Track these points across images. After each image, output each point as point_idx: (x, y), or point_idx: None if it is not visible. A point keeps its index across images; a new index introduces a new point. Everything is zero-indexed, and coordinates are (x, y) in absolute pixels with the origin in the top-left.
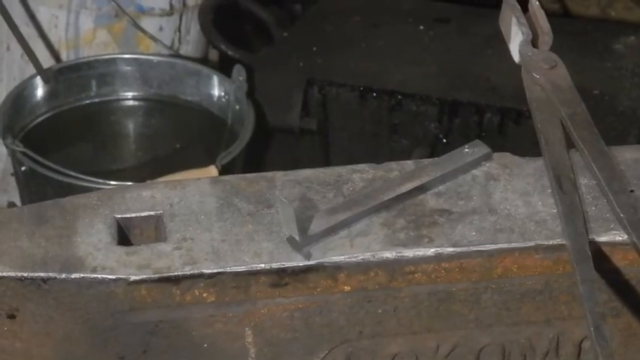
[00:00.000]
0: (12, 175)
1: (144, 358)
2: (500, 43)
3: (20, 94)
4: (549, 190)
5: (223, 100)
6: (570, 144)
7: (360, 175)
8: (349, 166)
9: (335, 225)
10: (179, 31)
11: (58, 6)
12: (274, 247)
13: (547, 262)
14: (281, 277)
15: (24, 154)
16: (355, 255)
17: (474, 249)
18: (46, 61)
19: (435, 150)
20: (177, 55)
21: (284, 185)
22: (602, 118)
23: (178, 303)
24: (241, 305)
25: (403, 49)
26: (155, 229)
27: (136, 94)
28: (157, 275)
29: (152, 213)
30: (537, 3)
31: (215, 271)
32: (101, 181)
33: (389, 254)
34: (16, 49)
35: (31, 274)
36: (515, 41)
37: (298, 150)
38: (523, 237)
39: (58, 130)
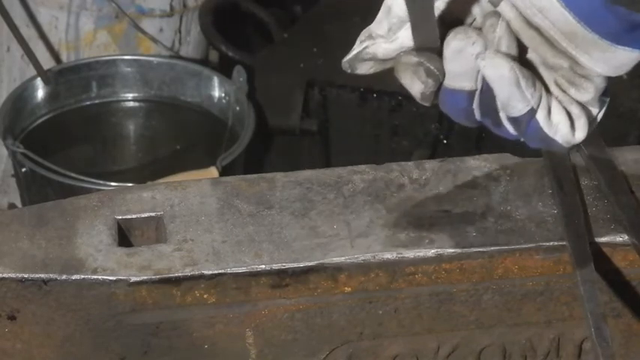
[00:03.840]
0: (12, 176)
1: (145, 359)
2: None
3: (20, 96)
4: (550, 191)
5: (224, 101)
6: None
7: (360, 176)
8: (349, 167)
9: None
10: (179, 32)
11: (58, 7)
12: (275, 248)
13: (548, 263)
14: (281, 278)
15: (24, 155)
16: (356, 256)
17: (475, 250)
18: (47, 62)
19: (435, 151)
20: (178, 57)
21: (284, 186)
22: (603, 119)
23: (179, 304)
24: (242, 306)
25: None
26: (156, 230)
27: (136, 95)
28: (157, 276)
29: (153, 214)
30: None
31: (215, 272)
32: (102, 182)
33: (389, 255)
34: (17, 50)
35: (32, 276)
36: None
37: (299, 151)
38: (524, 238)
39: (58, 132)
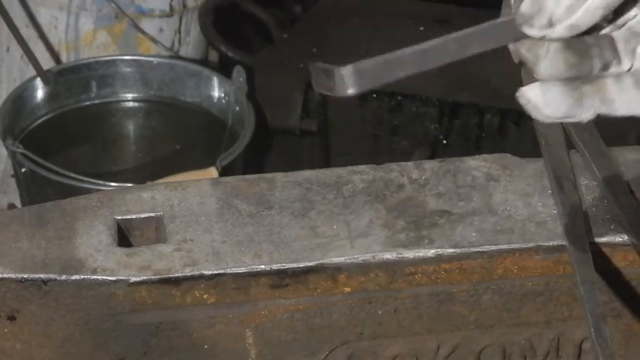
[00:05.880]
0: (12, 176)
1: (144, 359)
2: None
3: (20, 96)
4: (549, 191)
5: (223, 101)
6: (570, 145)
7: (360, 176)
8: (349, 168)
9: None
10: (179, 32)
11: (58, 7)
12: (274, 249)
13: (547, 263)
14: (281, 278)
15: (24, 155)
16: (355, 256)
17: (475, 250)
18: (46, 62)
19: (435, 151)
20: (177, 57)
21: (284, 186)
22: (603, 119)
23: (179, 304)
24: (242, 306)
25: None
26: (155, 230)
27: (136, 95)
28: (157, 277)
29: (152, 214)
30: None
31: (215, 272)
32: (101, 182)
33: (389, 255)
34: (16, 50)
35: (32, 276)
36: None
37: (298, 151)
38: (523, 238)
39: (58, 132)
